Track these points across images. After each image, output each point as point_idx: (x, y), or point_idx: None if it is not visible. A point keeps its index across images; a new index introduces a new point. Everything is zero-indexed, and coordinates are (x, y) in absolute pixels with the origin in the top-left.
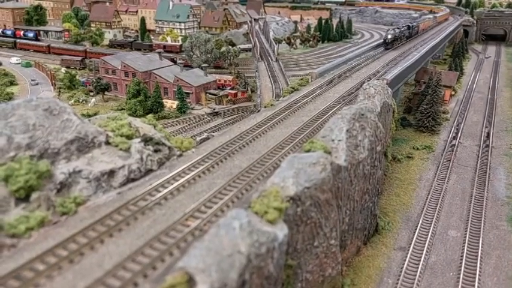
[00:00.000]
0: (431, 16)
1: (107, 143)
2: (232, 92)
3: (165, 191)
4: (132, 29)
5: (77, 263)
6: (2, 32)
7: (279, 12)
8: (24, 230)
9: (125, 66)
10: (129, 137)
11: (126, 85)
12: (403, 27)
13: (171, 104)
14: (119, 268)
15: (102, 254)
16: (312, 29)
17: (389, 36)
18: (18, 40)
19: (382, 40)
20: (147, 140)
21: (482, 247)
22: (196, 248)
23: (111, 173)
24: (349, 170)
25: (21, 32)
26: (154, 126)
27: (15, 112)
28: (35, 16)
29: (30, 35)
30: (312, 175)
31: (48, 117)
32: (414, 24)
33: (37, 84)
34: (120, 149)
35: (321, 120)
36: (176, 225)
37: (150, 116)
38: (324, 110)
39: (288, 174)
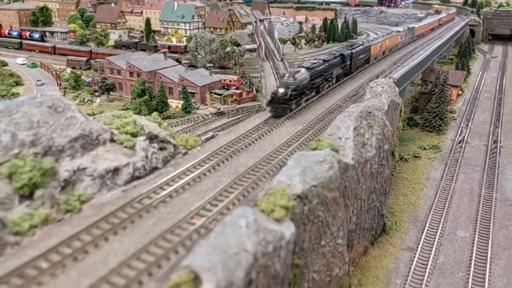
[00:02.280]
0: (400, 29)
1: (112, 140)
2: (237, 91)
3: (170, 189)
4: (137, 30)
5: (81, 261)
6: (8, 33)
7: (283, 13)
8: (28, 227)
9: (129, 66)
10: (134, 135)
11: (131, 85)
12: (327, 60)
13: (176, 103)
14: (123, 266)
15: (106, 252)
16: (317, 30)
17: (280, 91)
18: (24, 41)
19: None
20: (152, 138)
21: (491, 247)
22: (202, 246)
23: (116, 171)
24: (356, 168)
25: (27, 33)
26: (160, 124)
27: (19, 109)
28: (41, 17)
29: (36, 36)
30: (319, 173)
31: (52, 114)
32: (359, 48)
33: (42, 84)
34: (125, 147)
35: (327, 118)
36: (181, 223)
37: (155, 113)
38: (331, 109)
39: (295, 172)
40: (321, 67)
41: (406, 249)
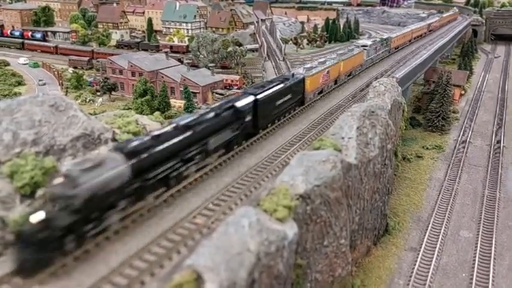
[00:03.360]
0: (368, 43)
1: (114, 140)
2: (239, 91)
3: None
4: (139, 30)
5: (82, 260)
6: (10, 33)
7: (285, 13)
8: None
9: (131, 66)
10: (136, 134)
11: (133, 85)
12: (191, 125)
13: (177, 103)
14: (125, 266)
15: (108, 252)
16: (319, 29)
17: (37, 217)
18: (26, 41)
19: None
20: None
21: (495, 248)
22: (205, 246)
23: None
24: (359, 168)
25: (29, 33)
26: (162, 124)
27: (21, 108)
28: (43, 17)
29: (38, 35)
30: (321, 173)
31: (54, 113)
32: (275, 89)
33: (44, 84)
34: None
35: (330, 118)
36: (184, 223)
37: (157, 113)
38: (333, 109)
39: (297, 172)
40: (171, 142)
41: (409, 250)
